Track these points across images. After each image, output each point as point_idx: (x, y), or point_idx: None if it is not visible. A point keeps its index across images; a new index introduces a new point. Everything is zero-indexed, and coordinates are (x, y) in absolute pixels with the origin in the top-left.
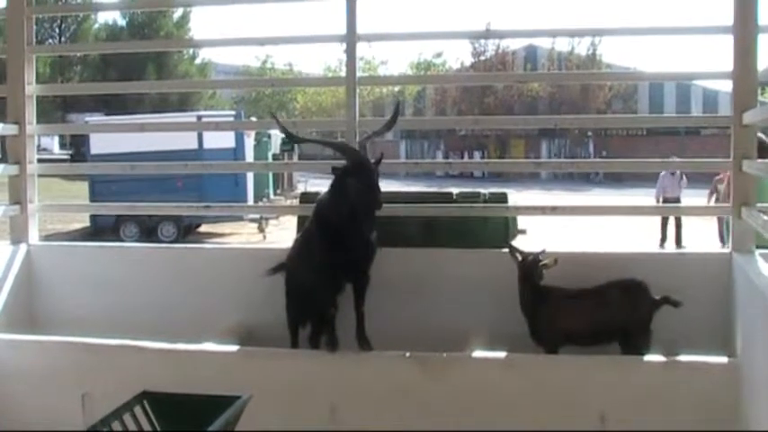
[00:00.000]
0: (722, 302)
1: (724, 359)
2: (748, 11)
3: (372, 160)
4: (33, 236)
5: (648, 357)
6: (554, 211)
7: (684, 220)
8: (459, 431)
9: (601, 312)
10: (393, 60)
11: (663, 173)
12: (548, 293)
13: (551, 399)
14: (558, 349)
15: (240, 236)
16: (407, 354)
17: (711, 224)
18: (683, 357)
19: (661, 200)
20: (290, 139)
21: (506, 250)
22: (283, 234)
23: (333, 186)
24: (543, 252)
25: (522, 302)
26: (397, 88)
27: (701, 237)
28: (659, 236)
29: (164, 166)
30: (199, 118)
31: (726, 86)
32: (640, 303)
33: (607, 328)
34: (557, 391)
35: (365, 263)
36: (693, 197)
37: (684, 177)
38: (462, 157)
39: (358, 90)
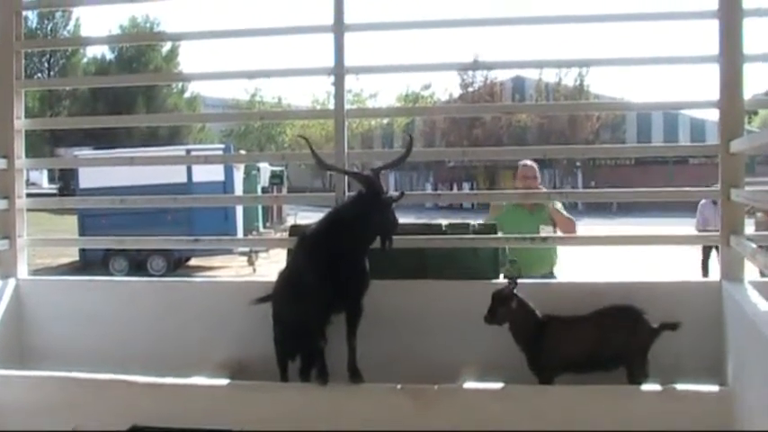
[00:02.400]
0: (712, 331)
1: (715, 388)
2: (734, 40)
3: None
4: (22, 270)
5: (643, 387)
6: (544, 241)
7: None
8: None
9: (599, 338)
10: (382, 93)
11: (703, 201)
12: (544, 322)
13: (546, 430)
14: (553, 379)
15: (230, 269)
16: (399, 386)
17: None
18: (675, 386)
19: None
20: (320, 167)
21: (495, 281)
22: (273, 267)
23: (344, 214)
24: (514, 279)
25: (516, 333)
26: (385, 120)
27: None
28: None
29: (153, 199)
30: (188, 151)
31: (713, 115)
32: (638, 329)
33: (605, 355)
34: (551, 422)
35: (360, 291)
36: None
37: None
38: (451, 189)
39: (347, 122)
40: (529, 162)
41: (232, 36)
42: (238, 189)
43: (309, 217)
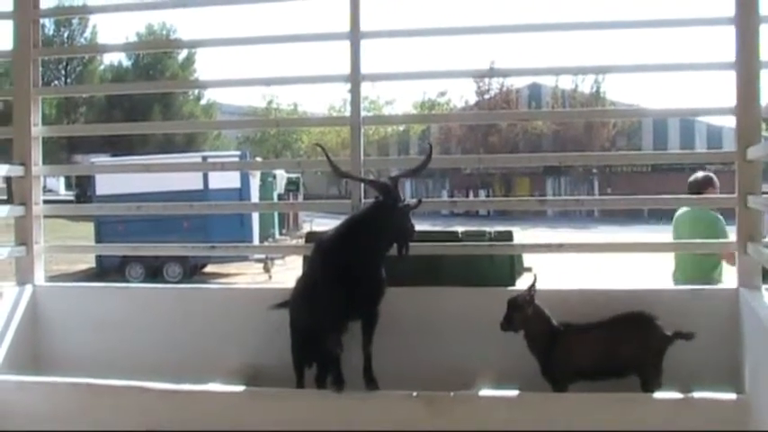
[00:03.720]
0: (729, 339)
1: (732, 396)
2: (751, 47)
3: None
4: (39, 277)
5: (658, 394)
6: (560, 248)
7: None
8: None
9: (612, 346)
10: (398, 100)
11: None
12: (559, 330)
13: None
14: (567, 387)
15: (246, 276)
16: (414, 393)
17: None
18: (691, 394)
19: None
20: (337, 174)
21: (512, 288)
22: (289, 274)
23: (361, 221)
24: (533, 287)
25: (530, 340)
26: (401, 127)
27: None
28: None
29: (169, 206)
30: (204, 158)
31: (729, 122)
32: (651, 337)
33: (618, 362)
34: (567, 430)
35: (375, 299)
36: None
37: None
38: (467, 196)
39: (363, 130)
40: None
41: (248, 43)
42: (254, 196)
43: (325, 224)
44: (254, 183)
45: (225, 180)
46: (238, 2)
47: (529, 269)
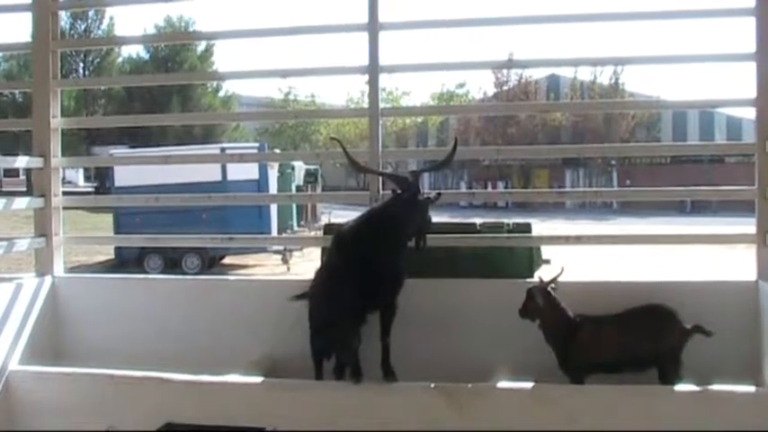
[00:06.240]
0: (749, 331)
1: (752, 388)
2: None
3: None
4: (58, 268)
5: (677, 387)
6: (578, 240)
7: None
8: None
9: (629, 338)
10: (416, 91)
11: None
12: (575, 321)
13: (579, 430)
14: (584, 379)
15: (264, 267)
16: (433, 385)
17: None
18: (710, 387)
19: None
20: (355, 168)
21: (530, 280)
22: (308, 265)
23: (381, 214)
24: (555, 280)
25: (546, 331)
26: (419, 119)
27: None
28: None
29: (187, 198)
30: (222, 150)
31: (749, 114)
32: (669, 330)
33: (636, 355)
34: (585, 422)
35: (394, 291)
36: None
37: None
38: (486, 188)
39: (381, 121)
40: None
41: (266, 35)
42: (273, 188)
43: (344, 216)
44: (273, 174)
45: (243, 172)
46: None
47: (548, 261)
